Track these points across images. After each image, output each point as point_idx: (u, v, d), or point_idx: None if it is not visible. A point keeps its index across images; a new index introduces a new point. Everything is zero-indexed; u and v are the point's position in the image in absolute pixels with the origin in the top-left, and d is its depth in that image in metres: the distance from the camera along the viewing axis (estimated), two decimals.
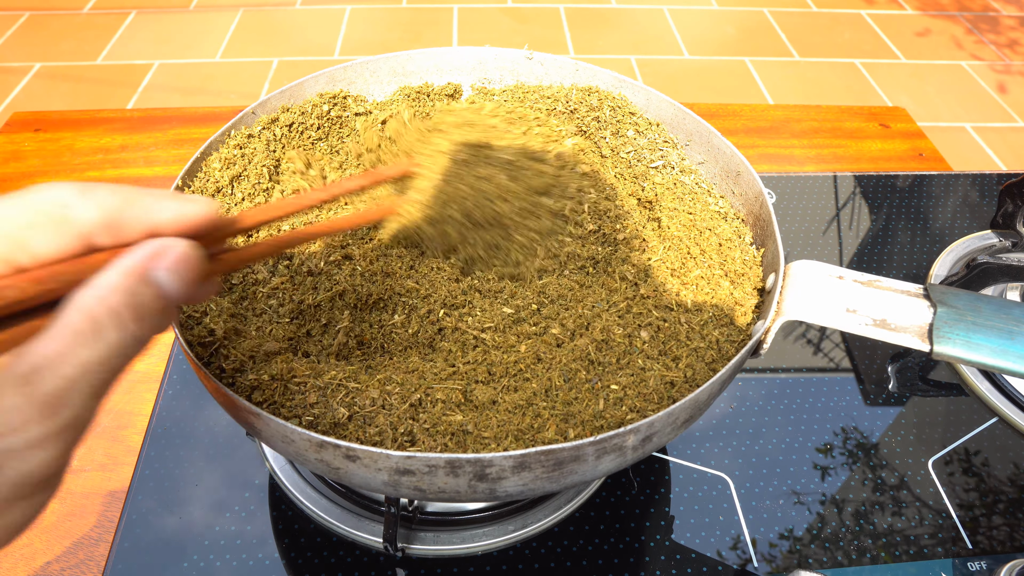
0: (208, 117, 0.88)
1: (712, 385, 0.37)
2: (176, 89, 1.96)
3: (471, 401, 0.39)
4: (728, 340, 0.42)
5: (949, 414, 0.60)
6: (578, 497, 0.52)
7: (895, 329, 0.39)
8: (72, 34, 2.16)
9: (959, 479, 0.55)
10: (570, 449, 0.33)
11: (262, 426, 0.35)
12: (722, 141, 0.53)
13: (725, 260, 0.48)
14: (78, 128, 0.86)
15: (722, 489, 0.54)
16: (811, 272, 0.42)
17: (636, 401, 0.38)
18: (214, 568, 0.47)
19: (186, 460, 0.53)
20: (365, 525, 0.50)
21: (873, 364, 0.64)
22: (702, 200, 0.53)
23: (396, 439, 0.36)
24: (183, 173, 0.48)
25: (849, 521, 0.52)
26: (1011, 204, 0.74)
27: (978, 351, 0.38)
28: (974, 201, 0.82)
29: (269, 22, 2.26)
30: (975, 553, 0.51)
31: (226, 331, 0.43)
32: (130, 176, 0.80)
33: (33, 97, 1.90)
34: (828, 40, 2.30)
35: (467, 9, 2.36)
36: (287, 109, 0.56)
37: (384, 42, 2.19)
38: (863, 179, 0.84)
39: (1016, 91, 2.11)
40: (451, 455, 0.32)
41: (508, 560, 0.49)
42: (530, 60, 0.62)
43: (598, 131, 0.57)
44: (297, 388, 0.39)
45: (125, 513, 0.50)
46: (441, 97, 0.62)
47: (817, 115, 0.95)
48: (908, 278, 0.72)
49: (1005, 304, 0.40)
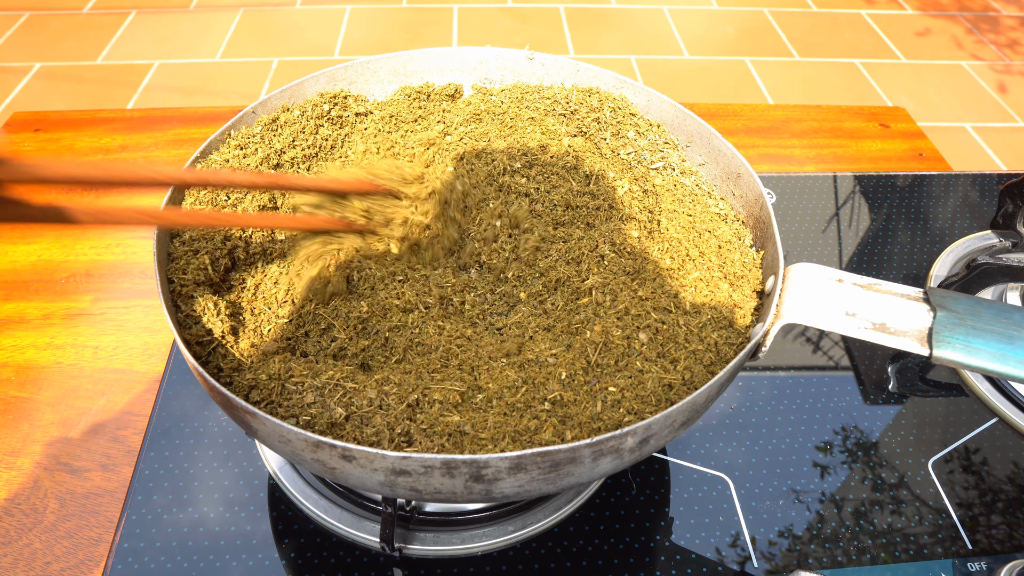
0: (208, 117, 0.88)
1: (710, 388, 0.37)
2: (176, 89, 1.96)
3: (469, 402, 0.39)
4: (727, 343, 0.42)
5: (949, 414, 0.60)
6: (578, 498, 0.52)
7: (894, 333, 0.39)
8: (72, 34, 2.16)
9: (959, 479, 0.55)
10: (566, 451, 0.33)
11: (259, 426, 0.35)
12: (723, 143, 0.53)
13: (724, 262, 0.47)
14: (78, 128, 0.86)
15: (722, 489, 0.54)
16: (811, 275, 0.42)
17: (634, 403, 0.38)
18: (214, 568, 0.47)
19: (186, 460, 0.53)
20: (364, 525, 0.50)
21: (873, 364, 0.64)
22: (702, 202, 0.53)
23: (393, 439, 0.36)
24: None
25: (849, 521, 0.52)
26: (1011, 204, 0.74)
27: (977, 355, 0.38)
28: (974, 201, 0.82)
29: (269, 22, 2.26)
30: (975, 553, 0.51)
31: (224, 331, 0.43)
32: None
33: (33, 97, 1.90)
34: (828, 40, 2.30)
35: (467, 9, 2.36)
36: (287, 109, 0.56)
37: (384, 42, 2.19)
38: (863, 179, 0.84)
39: (1016, 91, 2.11)
40: (447, 456, 0.32)
41: (508, 560, 0.49)
42: (531, 60, 0.62)
43: (598, 132, 0.57)
44: (295, 388, 0.39)
45: (125, 513, 0.50)
46: (442, 97, 0.62)
47: (817, 115, 0.95)
48: (908, 278, 0.72)
49: (1005, 308, 0.40)
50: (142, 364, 0.61)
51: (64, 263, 0.69)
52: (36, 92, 1.92)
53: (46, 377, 0.60)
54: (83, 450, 0.55)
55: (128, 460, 0.54)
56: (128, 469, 0.53)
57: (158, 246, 0.43)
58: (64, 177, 0.32)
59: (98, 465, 0.54)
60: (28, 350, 0.62)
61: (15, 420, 0.57)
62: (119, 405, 0.58)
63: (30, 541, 0.49)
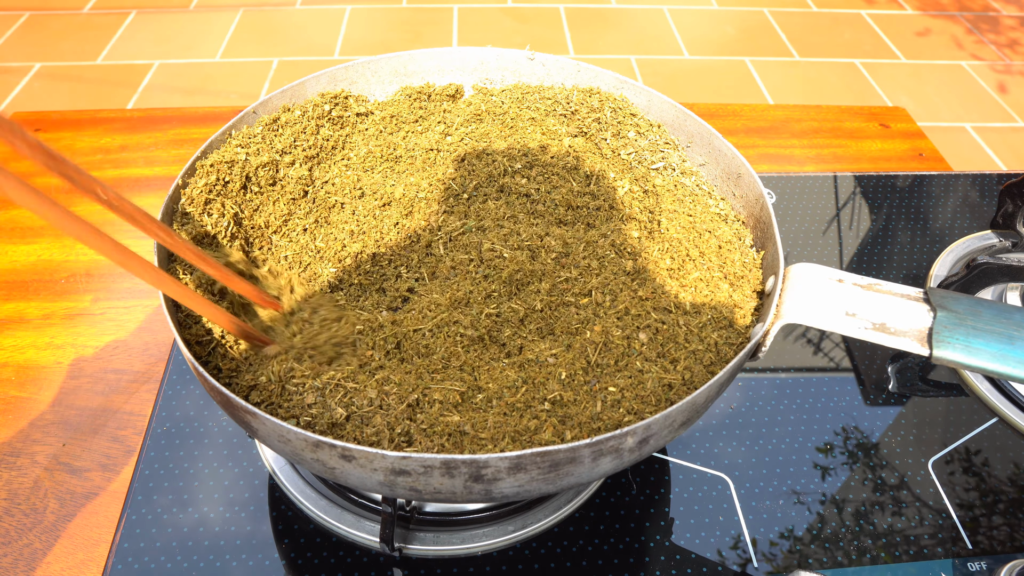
0: (208, 117, 0.88)
1: (710, 388, 0.37)
2: (176, 89, 1.96)
3: (468, 401, 0.39)
4: (727, 343, 0.42)
5: (949, 414, 0.60)
6: (578, 497, 0.52)
7: (895, 333, 0.39)
8: (72, 34, 2.16)
9: (959, 479, 0.55)
10: (566, 451, 0.33)
11: (259, 425, 0.35)
12: (723, 143, 0.53)
13: (725, 262, 0.47)
14: (78, 128, 0.86)
15: (722, 489, 0.54)
16: (811, 275, 0.42)
17: (634, 403, 0.38)
18: (214, 568, 0.47)
19: (186, 460, 0.53)
20: (364, 525, 0.50)
21: (873, 364, 0.64)
22: (702, 202, 0.53)
23: (393, 439, 0.36)
24: (183, 173, 0.48)
25: (849, 521, 0.52)
26: (1011, 204, 0.74)
27: (977, 356, 0.38)
28: (974, 201, 0.82)
29: (269, 22, 2.26)
30: (975, 553, 0.51)
31: (224, 331, 0.43)
32: (130, 176, 0.80)
33: (33, 97, 1.90)
34: (828, 40, 2.30)
35: (467, 9, 2.36)
36: (288, 109, 0.56)
37: (384, 42, 2.19)
38: (863, 179, 0.84)
39: (1016, 91, 2.11)
40: (447, 456, 0.32)
41: (508, 560, 0.49)
42: (532, 61, 0.62)
43: (599, 132, 0.57)
44: (295, 388, 0.39)
45: (125, 513, 0.50)
46: (443, 97, 0.62)
47: (817, 115, 0.95)
48: (908, 278, 0.72)
49: (1005, 309, 0.40)
50: (142, 364, 0.61)
51: (64, 263, 0.69)
52: (36, 92, 1.92)
53: (46, 377, 0.60)
54: (83, 450, 0.55)
55: (128, 460, 0.54)
56: (128, 469, 0.53)
57: (158, 246, 0.43)
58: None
59: (98, 465, 0.54)
60: (28, 350, 0.62)
61: (15, 420, 0.57)
62: (119, 405, 0.58)
63: (30, 541, 0.49)
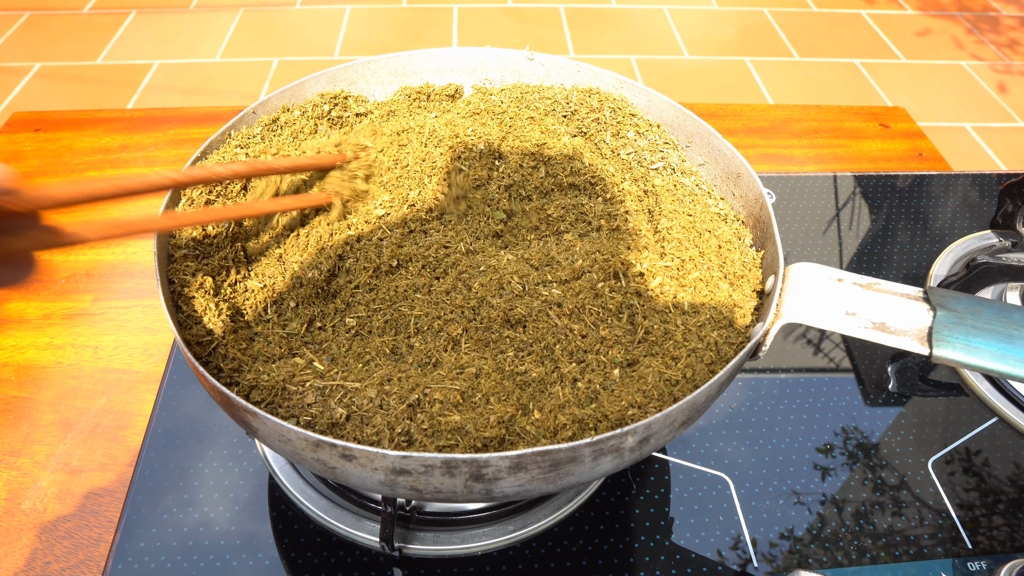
0: (208, 117, 0.88)
1: (710, 387, 0.37)
2: (176, 89, 1.96)
3: (469, 401, 0.39)
4: (727, 342, 0.42)
5: (949, 414, 0.60)
6: (578, 497, 0.52)
7: (894, 332, 0.39)
8: (72, 34, 2.16)
9: (959, 479, 0.55)
10: (566, 450, 0.33)
11: (259, 425, 0.35)
12: (723, 143, 0.53)
13: (724, 262, 0.47)
14: (78, 128, 0.86)
15: (722, 489, 0.54)
16: (811, 274, 0.42)
17: (636, 397, 0.38)
18: (214, 568, 0.47)
19: (186, 460, 0.53)
20: (364, 525, 0.50)
21: (873, 364, 0.64)
22: (702, 202, 0.53)
23: (393, 439, 0.36)
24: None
25: (849, 521, 0.52)
26: (1011, 204, 0.74)
27: (977, 355, 0.38)
28: (974, 201, 0.82)
29: (269, 22, 2.26)
30: (975, 553, 0.51)
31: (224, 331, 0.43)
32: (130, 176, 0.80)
33: (33, 97, 1.90)
34: (828, 40, 2.30)
35: (467, 9, 2.36)
36: (288, 109, 0.56)
37: (384, 42, 2.19)
38: (863, 179, 0.84)
39: (1016, 91, 2.11)
40: (447, 455, 0.32)
41: (508, 560, 0.49)
42: (531, 61, 0.62)
43: (598, 132, 0.57)
44: (296, 388, 0.39)
45: (125, 513, 0.50)
46: (442, 97, 0.62)
47: (817, 115, 0.95)
48: (908, 278, 0.72)
49: (1005, 308, 0.40)
50: (142, 364, 0.61)
51: (64, 263, 0.69)
52: (36, 92, 1.92)
53: (46, 377, 0.60)
54: (83, 450, 0.55)
55: (128, 460, 0.54)
56: (128, 469, 0.53)
57: (158, 246, 0.43)
58: (68, 199, 0.33)
59: (98, 465, 0.54)
60: (28, 350, 0.62)
61: (15, 420, 0.57)
62: (119, 405, 0.58)
63: (30, 541, 0.49)
